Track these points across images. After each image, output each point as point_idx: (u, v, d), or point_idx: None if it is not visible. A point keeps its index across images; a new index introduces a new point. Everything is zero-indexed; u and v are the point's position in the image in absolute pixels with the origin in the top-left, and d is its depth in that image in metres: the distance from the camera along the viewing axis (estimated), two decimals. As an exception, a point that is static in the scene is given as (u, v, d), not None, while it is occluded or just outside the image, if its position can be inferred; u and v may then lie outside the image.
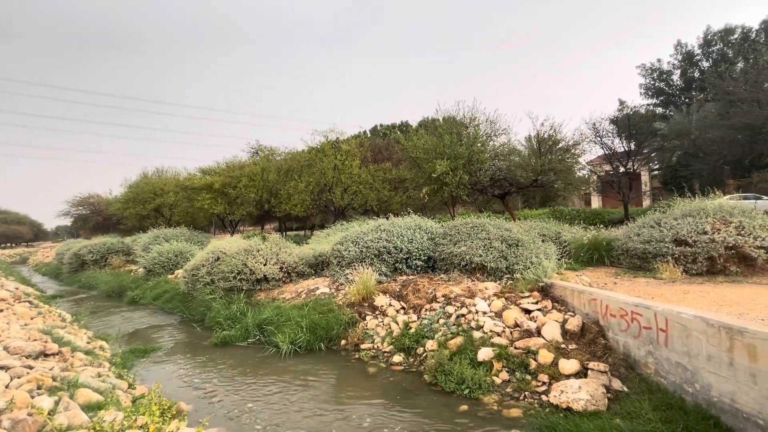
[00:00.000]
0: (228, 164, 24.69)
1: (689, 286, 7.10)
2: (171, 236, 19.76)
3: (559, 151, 14.69)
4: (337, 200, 19.84)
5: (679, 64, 32.72)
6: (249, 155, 28.12)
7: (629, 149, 20.40)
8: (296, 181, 20.63)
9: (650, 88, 33.91)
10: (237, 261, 10.56)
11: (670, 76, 33.26)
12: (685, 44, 32.56)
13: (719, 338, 3.84)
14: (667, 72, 33.35)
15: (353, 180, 20.04)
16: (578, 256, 10.25)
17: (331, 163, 20.02)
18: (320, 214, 25.72)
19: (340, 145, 21.07)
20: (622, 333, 5.19)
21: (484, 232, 8.73)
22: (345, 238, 10.18)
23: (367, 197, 19.98)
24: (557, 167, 13.51)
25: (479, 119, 14.80)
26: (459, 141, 13.91)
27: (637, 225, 9.71)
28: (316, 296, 9.06)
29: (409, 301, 7.95)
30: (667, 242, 8.36)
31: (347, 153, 20.63)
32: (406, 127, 45.10)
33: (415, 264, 9.13)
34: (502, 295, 7.17)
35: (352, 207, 21.50)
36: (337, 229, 15.05)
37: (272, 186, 22.42)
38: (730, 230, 7.92)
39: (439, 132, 13.92)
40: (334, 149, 20.81)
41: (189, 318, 10.77)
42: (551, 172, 13.47)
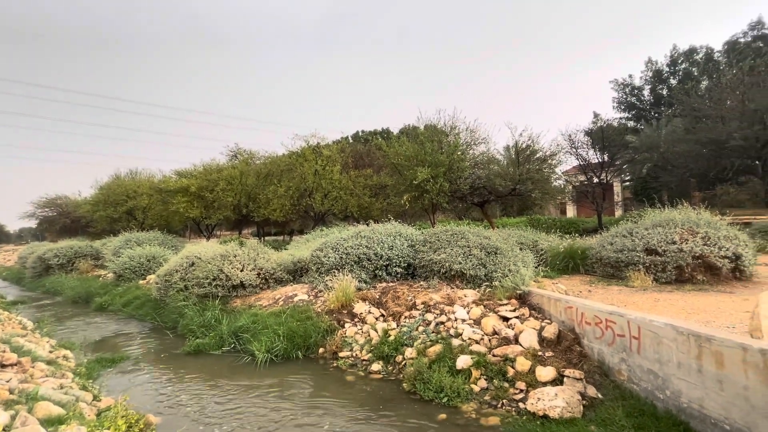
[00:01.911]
0: (205, 167, 24.16)
1: (659, 294, 7.35)
2: (143, 240, 19.12)
3: (537, 161, 15.06)
4: (318, 206, 19.69)
5: (649, 80, 34.23)
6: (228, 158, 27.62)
7: (603, 161, 21.12)
8: (276, 186, 20.35)
9: (622, 102, 35.30)
10: (212, 266, 10.29)
11: (641, 92, 34.74)
12: (655, 62, 34.13)
13: (688, 346, 3.97)
14: (638, 87, 34.82)
15: (334, 185, 19.93)
16: (555, 264, 10.46)
17: (312, 168, 19.87)
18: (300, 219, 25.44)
19: (321, 150, 20.95)
20: (596, 340, 5.30)
21: (464, 240, 8.80)
22: (325, 244, 10.08)
23: (348, 203, 19.89)
24: (535, 177, 13.83)
25: (459, 128, 15.03)
26: (440, 149, 14.07)
27: (610, 234, 10.01)
28: (294, 303, 8.90)
29: (389, 309, 7.91)
30: (638, 251, 8.65)
31: (328, 158, 20.51)
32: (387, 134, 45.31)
33: (395, 271, 9.11)
34: (480, 303, 7.22)
35: (333, 213, 21.35)
36: (316, 235, 14.90)
37: (251, 190, 22.05)
38: (697, 240, 8.26)
39: (421, 140, 14.06)
40: (315, 154, 20.67)
41: (161, 325, 10.39)
42: (529, 182, 13.78)
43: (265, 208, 20.53)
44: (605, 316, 5.14)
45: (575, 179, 23.23)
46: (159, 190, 24.69)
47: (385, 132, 48.27)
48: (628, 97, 35.00)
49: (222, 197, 21.37)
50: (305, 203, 20.30)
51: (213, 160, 25.36)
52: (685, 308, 6.15)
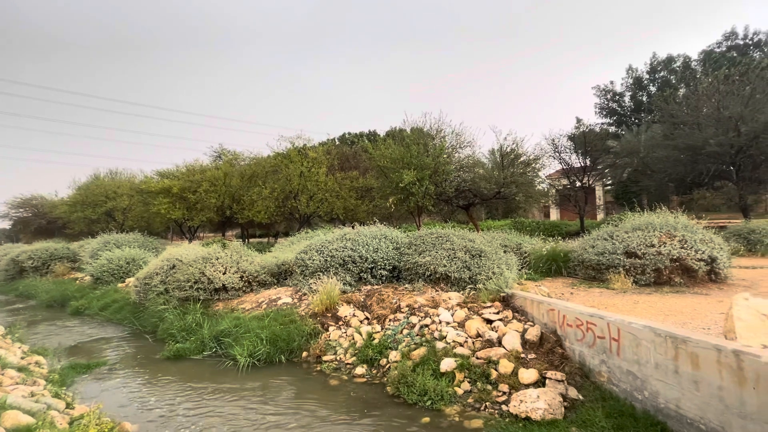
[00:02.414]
0: (188, 168, 23.77)
1: (639, 296, 7.49)
2: (123, 242, 18.66)
3: (521, 164, 15.25)
4: (303, 208, 19.55)
5: (629, 87, 35.09)
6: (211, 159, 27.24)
7: (585, 165, 21.53)
8: (260, 188, 20.13)
9: (604, 108, 36.07)
10: (194, 269, 10.10)
11: (622, 98, 35.56)
12: (635, 69, 35.00)
13: (666, 347, 4.05)
14: (619, 94, 35.64)
15: (319, 188, 19.83)
16: (538, 267, 10.58)
17: (297, 170, 19.72)
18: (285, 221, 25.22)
19: (307, 152, 20.81)
20: (578, 342, 5.37)
21: (449, 243, 8.84)
22: (309, 246, 10.00)
23: (334, 205, 19.81)
24: (519, 180, 14.00)
25: (445, 131, 15.13)
26: (425, 152, 14.13)
27: (591, 237, 10.17)
28: (277, 306, 8.79)
29: (374, 312, 7.88)
30: (618, 254, 8.81)
31: (314, 160, 20.40)
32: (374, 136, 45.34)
33: (380, 274, 9.09)
34: (465, 306, 7.25)
35: (318, 215, 21.22)
36: (301, 237, 14.78)
37: (235, 192, 21.78)
38: (675, 244, 8.46)
39: (407, 142, 14.10)
40: (300, 156, 20.52)
41: (140, 330, 10.15)
42: (513, 185, 13.94)
43: (249, 210, 20.27)
44: (586, 319, 5.21)
45: (558, 183, 23.62)
46: (140, 191, 24.15)
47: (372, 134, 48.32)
48: (610, 103, 35.80)
49: (205, 199, 21.04)
50: (290, 205, 20.12)
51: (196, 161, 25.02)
52: (663, 310, 6.28)
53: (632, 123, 31.50)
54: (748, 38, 32.28)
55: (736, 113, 16.89)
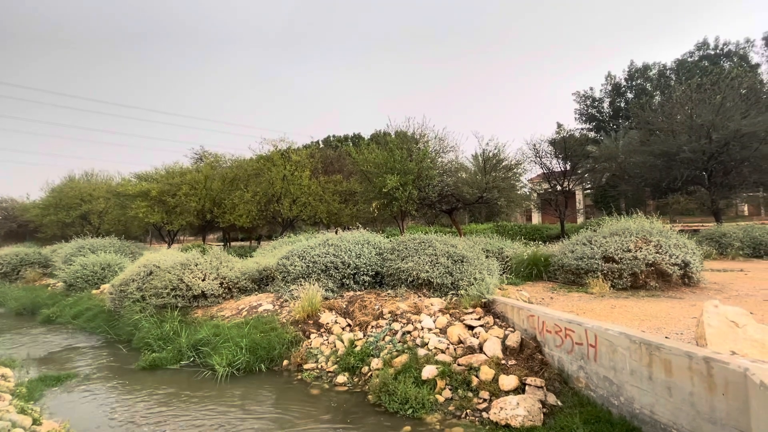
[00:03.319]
0: (168, 170, 23.31)
1: (616, 301, 7.65)
2: (98, 247, 18.10)
3: (503, 169, 15.45)
4: (286, 212, 19.38)
5: (608, 93, 36.01)
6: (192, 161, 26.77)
7: (565, 169, 21.99)
8: (242, 191, 19.89)
9: (584, 114, 36.95)
10: (172, 275, 9.86)
11: (601, 104, 36.49)
12: (614, 76, 35.95)
13: (640, 353, 4.14)
14: (598, 100, 36.55)
15: (303, 191, 19.71)
16: (519, 271, 10.69)
17: (280, 174, 19.57)
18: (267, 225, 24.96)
19: (290, 155, 20.69)
20: (557, 348, 5.44)
21: (431, 248, 8.86)
22: (291, 252, 9.89)
23: (317, 209, 19.72)
24: (501, 185, 14.18)
25: (428, 136, 15.22)
26: (409, 157, 14.18)
27: (571, 242, 10.34)
28: (258, 313, 8.66)
29: (356, 318, 7.83)
30: (597, 259, 8.98)
31: (297, 163, 20.29)
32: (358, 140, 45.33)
33: (363, 280, 9.05)
34: (447, 312, 7.28)
35: (301, 219, 21.07)
36: (284, 242, 14.63)
37: (216, 195, 21.46)
38: (650, 249, 8.68)
39: (390, 147, 14.13)
40: (283, 159, 20.38)
41: (114, 339, 9.84)
42: (495, 190, 14.11)
43: (230, 213, 20.01)
44: (564, 325, 5.29)
45: (539, 187, 24.04)
46: (117, 194, 23.54)
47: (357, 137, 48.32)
48: (589, 108, 36.69)
49: (185, 202, 20.65)
50: (273, 209, 19.93)
51: (176, 163, 24.55)
52: (639, 315, 6.42)
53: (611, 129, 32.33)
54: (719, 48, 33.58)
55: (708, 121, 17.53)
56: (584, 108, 36.89)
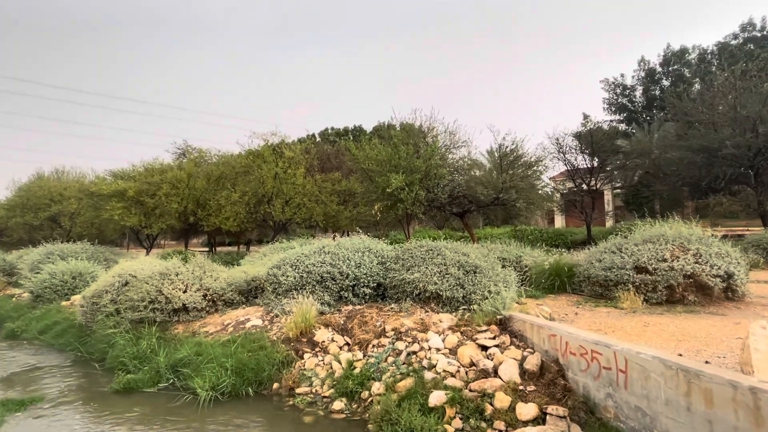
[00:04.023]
0: (147, 167, 23.41)
1: (649, 317, 7.58)
2: (69, 253, 18.22)
3: (521, 166, 15.41)
4: (278, 214, 19.42)
5: (641, 80, 35.79)
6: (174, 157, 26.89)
7: (592, 166, 21.89)
8: (229, 191, 19.96)
9: (613, 104, 36.77)
10: (150, 286, 9.89)
11: (633, 93, 36.28)
12: (647, 61, 35.72)
13: (677, 381, 4.08)
14: (630, 88, 36.34)
15: (297, 191, 19.76)
16: (539, 283, 10.64)
17: (272, 171, 19.62)
18: (257, 228, 25.04)
19: (283, 150, 20.74)
20: (581, 373, 5.39)
21: (440, 257, 8.84)
22: (283, 260, 9.90)
23: (312, 211, 19.76)
24: (519, 184, 14.13)
25: (438, 129, 15.21)
26: (416, 153, 14.17)
27: (598, 250, 10.28)
28: (245, 330, 8.66)
29: (355, 336, 7.81)
30: (628, 269, 8.91)
31: (291, 160, 20.36)
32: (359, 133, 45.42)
33: (363, 292, 9.04)
34: (457, 329, 7.23)
35: (295, 222, 21.11)
36: (275, 248, 14.66)
37: (200, 195, 21.53)
38: (689, 258, 8.59)
39: (395, 142, 14.13)
40: (275, 155, 20.44)
41: (85, 357, 9.88)
42: (513, 190, 14.07)
43: (216, 216, 20.07)
44: (591, 347, 5.23)
45: (563, 186, 23.95)
46: (90, 194, 23.69)
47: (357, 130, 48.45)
48: (620, 98, 36.52)
49: (165, 203, 20.73)
50: (263, 211, 19.98)
51: (156, 159, 24.56)
52: (675, 334, 6.36)
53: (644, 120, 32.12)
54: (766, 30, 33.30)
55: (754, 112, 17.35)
56: (614, 97, 36.73)
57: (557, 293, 10.47)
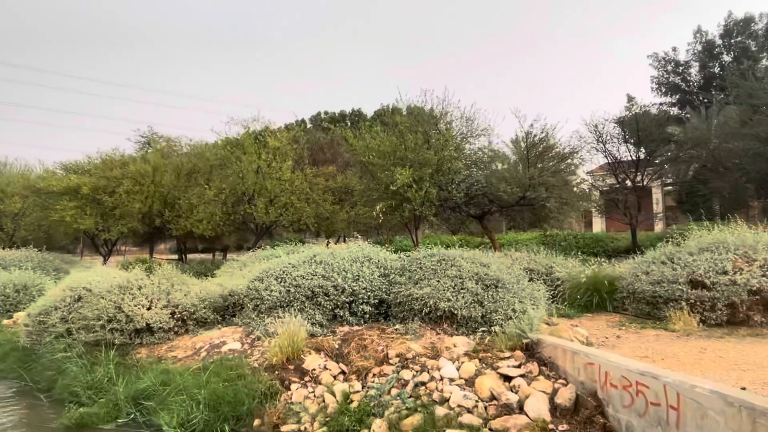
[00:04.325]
0: (105, 159, 23.53)
1: (707, 342, 7.57)
2: (11, 261, 18.35)
3: (553, 159, 15.40)
4: (260, 215, 19.46)
5: (697, 55, 35.61)
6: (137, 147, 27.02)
7: (638, 158, 21.86)
8: (203, 187, 20.02)
9: (663, 83, 36.63)
10: (108, 302, 9.95)
11: (688, 70, 36.12)
12: (705, 32, 35.51)
13: (740, 421, 4.06)
14: (684, 64, 36.16)
15: (283, 188, 19.82)
16: (574, 299, 10.69)
17: (253, 164, 19.68)
18: (236, 232, 25.08)
19: (267, 139, 20.81)
20: (624, 409, 5.39)
21: (455, 268, 8.86)
22: (266, 271, 9.96)
23: (302, 212, 19.81)
24: (550, 180, 14.12)
25: (452, 114, 15.22)
26: (426, 143, 14.19)
27: (645, 260, 10.30)
28: (221, 355, 8.71)
29: (352, 363, 7.83)
30: (680, 284, 8.92)
31: (276, 151, 20.42)
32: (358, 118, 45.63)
33: (362, 310, 9.07)
34: (475, 355, 7.25)
35: (281, 225, 21.17)
36: (258, 257, 14.70)
37: (168, 193, 21.61)
38: (754, 270, 8.58)
39: (401, 130, 14.15)
40: (257, 145, 20.51)
41: (30, 386, 9.97)
42: (542, 187, 14.06)
43: (186, 218, 20.13)
44: (636, 378, 5.23)
45: (603, 183, 23.90)
46: (37, 191, 23.82)
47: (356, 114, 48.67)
48: (671, 76, 36.38)
49: (127, 202, 20.80)
50: (243, 212, 20.05)
51: (116, 149, 24.64)
52: (738, 363, 6.34)
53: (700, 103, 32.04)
54: None
55: (835, 94, 17.29)
56: (664, 75, 36.61)
57: (595, 312, 10.51)
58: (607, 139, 21.53)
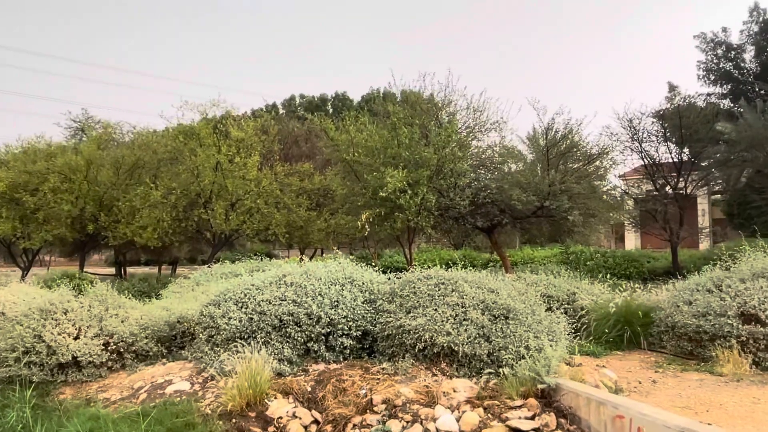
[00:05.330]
0: (26, 149, 23.39)
1: (761, 390, 7.62)
2: None
3: (578, 160, 15.52)
4: (219, 222, 19.40)
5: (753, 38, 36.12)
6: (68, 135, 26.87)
7: (680, 160, 22.06)
8: (148, 186, 19.91)
9: (712, 70, 37.09)
10: (25, 329, 9.83)
11: (741, 55, 36.61)
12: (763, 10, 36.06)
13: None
14: (737, 48, 36.66)
15: (248, 189, 19.79)
16: (601, 333, 10.72)
17: (212, 159, 19.65)
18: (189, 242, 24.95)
19: (229, 129, 20.76)
20: (660, 473, 5.38)
21: (456, 294, 8.84)
22: (224, 294, 9.89)
23: (270, 219, 19.75)
24: (574, 188, 14.21)
25: (456, 104, 15.29)
26: (424, 138, 14.22)
27: (688, 287, 10.36)
28: (166, 398, 8.61)
29: (328, 410, 7.78)
30: (730, 317, 8.98)
31: (240, 143, 20.40)
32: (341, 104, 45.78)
33: (342, 344, 9.00)
34: (479, 403, 7.23)
35: (246, 234, 21.10)
36: (214, 274, 14.63)
37: (105, 192, 21.50)
38: (819, 302, 8.67)
39: (393, 122, 14.17)
40: (217, 135, 20.45)
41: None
42: (564, 195, 14.14)
43: (127, 224, 20.01)
44: (674, 435, 5.23)
45: (638, 190, 24.10)
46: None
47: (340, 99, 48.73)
48: (722, 62, 36.88)
49: (53, 203, 20.66)
50: (198, 217, 19.95)
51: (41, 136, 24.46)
52: (797, 416, 6.38)
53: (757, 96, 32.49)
54: None
55: None
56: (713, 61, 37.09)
57: (627, 349, 10.55)
58: (643, 136, 21.74)
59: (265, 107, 39.09)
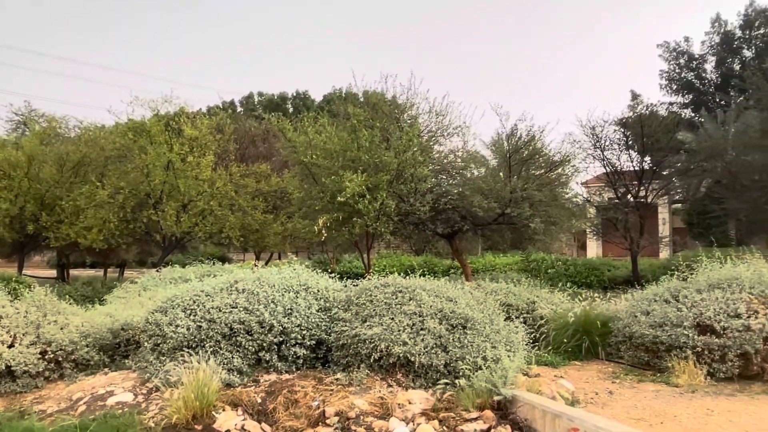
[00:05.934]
0: (-38, 144, 22.62)
1: (715, 401, 7.82)
2: None
3: (541, 167, 15.78)
4: (169, 224, 19.11)
5: (714, 48, 37.36)
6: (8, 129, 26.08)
7: (642, 169, 22.54)
8: (94, 185, 19.50)
9: (674, 80, 38.24)
10: (-46, 337, 9.50)
11: (703, 65, 37.84)
12: (724, 21, 37.29)
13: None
14: (698, 58, 37.87)
15: (201, 190, 19.58)
16: (560, 343, 10.87)
17: (163, 158, 19.37)
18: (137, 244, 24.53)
19: (182, 126, 20.50)
20: (614, 487, 5.48)
21: (414, 303, 8.87)
22: (172, 300, 9.72)
23: (224, 222, 19.56)
24: (535, 195, 14.43)
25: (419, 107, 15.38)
26: (385, 141, 14.24)
27: (646, 297, 10.60)
28: (107, 409, 8.39)
29: (278, 423, 7.70)
30: (686, 328, 9.19)
31: (194, 142, 20.19)
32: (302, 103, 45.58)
33: (295, 353, 8.92)
34: (434, 415, 7.25)
35: (198, 237, 20.83)
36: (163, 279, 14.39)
37: (47, 190, 21.04)
38: (771, 313, 8.97)
39: (353, 124, 14.15)
40: (169, 133, 20.16)
41: None
42: (526, 203, 14.34)
43: (71, 225, 19.56)
44: (628, 448, 5.33)
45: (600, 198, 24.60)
46: None
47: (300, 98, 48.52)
48: (684, 71, 38.04)
49: (-10, 200, 20.07)
50: (147, 218, 19.61)
51: (-22, 131, 23.79)
52: (749, 428, 6.58)
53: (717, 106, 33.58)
54: None
55: None
56: (675, 70, 38.25)
57: (585, 359, 10.73)
58: (606, 144, 22.13)
59: (221, 104, 38.68)
